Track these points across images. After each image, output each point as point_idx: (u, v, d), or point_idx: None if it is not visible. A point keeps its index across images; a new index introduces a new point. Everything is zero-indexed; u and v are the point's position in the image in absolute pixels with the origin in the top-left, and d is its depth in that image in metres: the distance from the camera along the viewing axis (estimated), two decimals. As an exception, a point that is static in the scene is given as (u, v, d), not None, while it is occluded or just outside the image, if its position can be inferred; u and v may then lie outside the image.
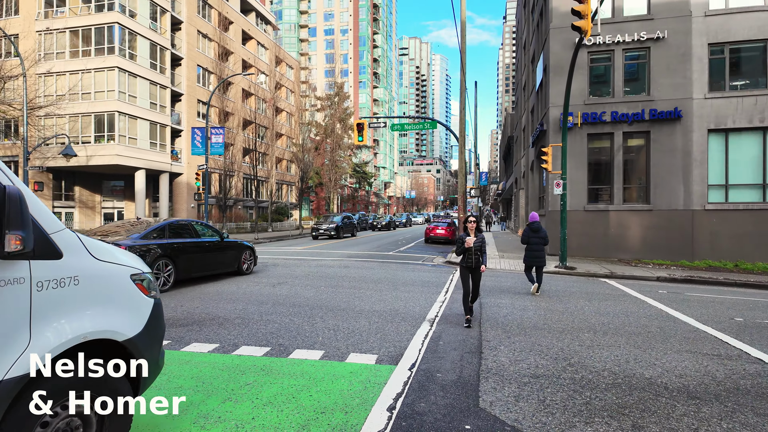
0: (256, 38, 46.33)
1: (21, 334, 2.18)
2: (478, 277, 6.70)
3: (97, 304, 2.61)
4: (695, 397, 4.07)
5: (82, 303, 2.51)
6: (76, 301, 2.47)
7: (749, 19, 16.68)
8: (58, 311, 2.36)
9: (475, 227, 6.62)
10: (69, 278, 2.45)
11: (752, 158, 16.92)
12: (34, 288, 2.26)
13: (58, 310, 2.37)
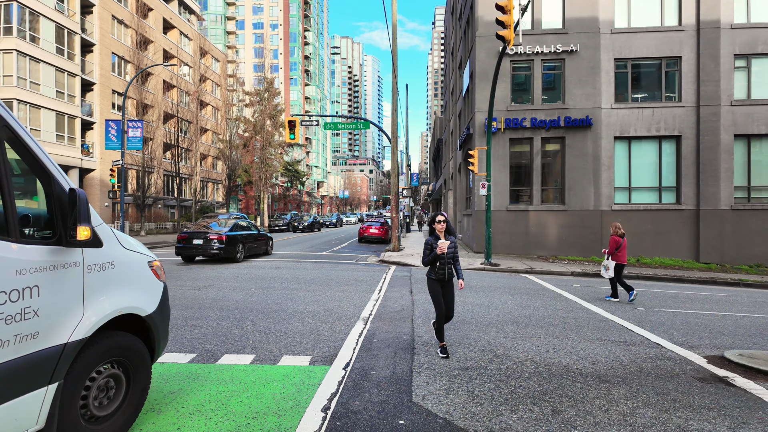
0: (178, 27, 43.76)
1: (78, 307, 2.74)
2: (453, 291, 5.25)
3: (126, 285, 3.19)
4: (606, 380, 4.48)
5: (117, 284, 3.09)
6: (112, 283, 3.05)
7: (648, 38, 18.60)
8: (101, 290, 2.94)
9: (445, 228, 5.10)
10: (108, 263, 3.03)
11: (651, 163, 18.90)
12: (85, 270, 2.82)
13: (101, 289, 2.94)
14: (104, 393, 3.02)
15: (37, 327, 2.48)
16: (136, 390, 3.24)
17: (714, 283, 13.36)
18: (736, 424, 3.54)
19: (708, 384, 4.44)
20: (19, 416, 2.39)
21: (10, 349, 2.33)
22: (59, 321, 2.62)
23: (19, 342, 2.37)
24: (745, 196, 18.47)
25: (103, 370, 2.99)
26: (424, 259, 5.14)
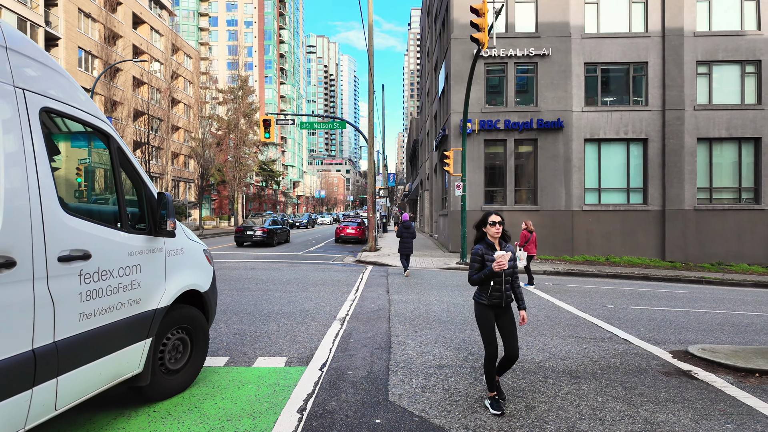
0: (149, 23, 42.61)
1: (162, 282, 3.61)
2: (513, 321, 3.72)
3: (190, 267, 4.07)
4: (577, 376, 4.60)
5: (184, 266, 3.97)
6: (182, 265, 3.92)
7: (616, 43, 19.18)
8: (175, 270, 3.81)
9: (500, 234, 3.70)
10: (179, 249, 3.92)
11: (619, 165, 19.49)
12: (166, 254, 3.70)
13: (175, 270, 3.81)
14: (175, 352, 3.88)
15: (140, 295, 3.35)
16: (198, 351, 4.11)
17: (678, 281, 13.89)
18: (699, 416, 3.69)
19: (673, 378, 4.62)
20: (129, 360, 3.25)
21: (125, 310, 3.19)
22: (152, 291, 3.50)
23: (129, 305, 3.24)
24: (707, 197, 19.27)
25: (174, 334, 3.85)
26: (471, 276, 3.68)
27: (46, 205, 2.58)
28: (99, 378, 2.97)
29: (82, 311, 2.80)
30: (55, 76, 2.90)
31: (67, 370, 2.66)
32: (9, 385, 2.27)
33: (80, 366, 2.77)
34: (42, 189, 2.56)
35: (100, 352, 2.94)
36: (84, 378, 2.82)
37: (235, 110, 41.17)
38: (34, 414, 2.44)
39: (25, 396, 2.36)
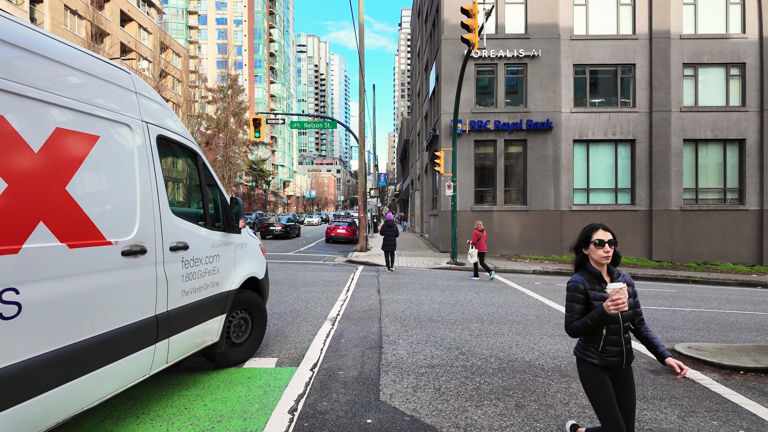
0: (137, 21, 42.11)
1: (232, 270, 4.43)
2: (632, 386, 2.64)
3: (251, 258, 4.91)
4: (566, 375, 4.64)
5: (247, 257, 4.82)
6: (245, 256, 4.76)
7: (604, 45, 19.40)
8: (241, 260, 4.64)
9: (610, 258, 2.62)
10: (243, 243, 4.75)
11: (607, 166, 19.71)
12: (235, 247, 4.52)
13: (241, 260, 4.64)
14: (238, 329, 4.69)
15: (218, 279, 4.19)
16: (257, 329, 4.94)
17: (665, 280, 14.09)
18: (685, 413, 3.75)
19: (660, 375, 4.68)
20: (211, 330, 4.10)
21: (209, 290, 4.01)
22: (226, 277, 4.33)
23: (212, 287, 4.07)
24: (693, 198, 19.57)
25: (238, 314, 4.67)
26: (571, 322, 2.57)
27: (162, 209, 3.48)
28: (193, 342, 3.86)
29: (183, 289, 3.66)
30: (164, 110, 3.87)
31: (175, 333, 3.52)
32: (142, 339, 3.14)
33: (183, 331, 3.64)
34: (160, 197, 3.45)
35: (194, 321, 3.80)
36: (185, 341, 3.70)
37: (225, 109, 40.88)
38: (155, 364, 3.34)
39: (150, 349, 3.24)
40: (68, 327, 2.58)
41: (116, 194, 3.06)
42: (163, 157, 3.65)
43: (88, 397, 2.74)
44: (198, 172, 4.20)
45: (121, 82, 3.31)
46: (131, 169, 3.21)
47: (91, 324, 2.74)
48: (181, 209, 3.99)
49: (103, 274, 2.86)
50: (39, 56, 2.61)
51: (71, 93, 2.78)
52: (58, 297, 2.53)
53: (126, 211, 3.12)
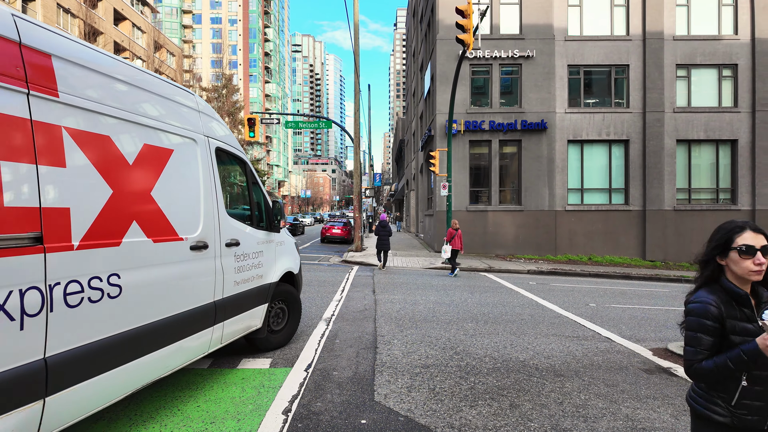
0: (131, 19, 41.86)
1: (273, 264, 5.03)
2: None
3: (288, 255, 5.50)
4: (560, 374, 4.65)
5: (285, 254, 5.40)
6: (284, 253, 5.35)
7: (598, 46, 19.48)
8: (280, 256, 5.25)
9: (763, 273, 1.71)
10: (282, 241, 5.35)
11: (601, 166, 19.80)
12: (275, 245, 5.14)
13: (280, 256, 5.25)
14: (276, 317, 5.29)
15: (262, 272, 4.80)
16: (292, 318, 5.51)
17: (659, 279, 14.17)
18: (678, 412, 3.77)
19: (653, 375, 4.71)
20: (255, 317, 4.68)
21: (254, 282, 4.60)
22: (268, 270, 4.95)
23: (257, 279, 4.66)
24: (686, 198, 19.70)
25: (276, 304, 5.27)
26: (695, 358, 1.76)
27: (220, 211, 4.06)
28: (242, 326, 4.45)
29: (235, 280, 4.24)
30: (220, 125, 4.47)
31: (228, 317, 4.10)
32: (204, 321, 3.73)
33: (234, 316, 4.22)
34: (218, 200, 4.04)
35: (243, 308, 4.38)
36: (236, 325, 4.29)
37: (219, 109, 40.67)
38: (212, 343, 3.94)
39: (209, 330, 3.82)
40: (153, 307, 3.16)
41: (186, 198, 3.67)
42: (219, 165, 4.25)
43: (162, 368, 3.31)
44: (246, 179, 4.90)
45: (188, 103, 3.96)
46: (196, 176, 3.83)
47: (169, 306, 3.32)
48: (233, 210, 4.58)
49: (176, 265, 3.46)
50: (136, 87, 3.26)
51: (154, 114, 3.40)
52: (147, 282, 3.12)
53: (193, 212, 3.73)
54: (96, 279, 2.73)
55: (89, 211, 2.72)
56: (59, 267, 2.49)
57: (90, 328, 2.67)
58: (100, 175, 2.82)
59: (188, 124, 3.82)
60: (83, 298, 2.62)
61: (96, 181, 2.79)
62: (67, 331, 2.51)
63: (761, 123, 19.17)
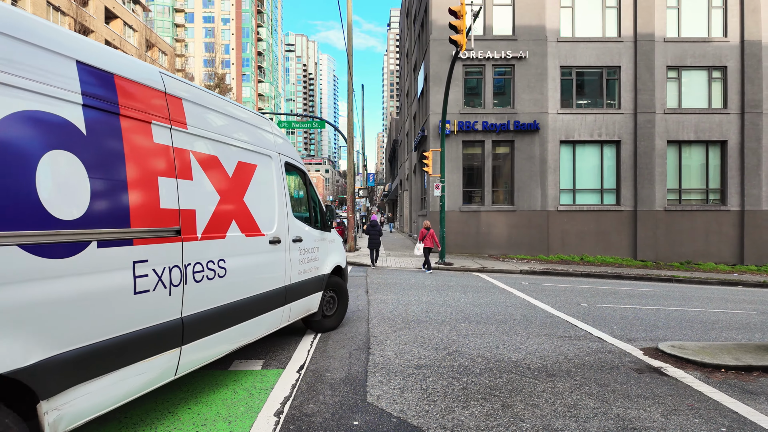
0: (122, 18, 41.51)
1: (326, 259, 5.89)
2: None
3: (337, 251, 6.38)
4: (552, 374, 4.67)
5: (335, 250, 6.28)
6: (333, 249, 6.23)
7: (590, 47, 19.62)
8: (330, 252, 6.09)
9: None
10: (333, 239, 6.24)
11: (593, 167, 19.94)
12: (328, 242, 6.01)
13: (332, 252, 6.13)
14: (328, 304, 6.17)
15: (318, 265, 5.69)
16: (341, 306, 6.41)
17: (650, 279, 14.29)
18: (668, 411, 3.80)
19: (644, 374, 4.74)
20: (313, 302, 5.57)
21: (313, 273, 5.50)
22: (323, 263, 5.84)
23: (315, 270, 5.57)
24: (677, 198, 19.90)
25: (328, 293, 6.13)
26: None
27: (288, 213, 5.06)
28: (303, 308, 5.37)
29: (299, 270, 5.18)
30: (286, 143, 5.49)
31: (294, 300, 5.04)
32: (278, 302, 4.66)
33: (298, 300, 5.16)
34: (287, 204, 5.04)
35: (304, 294, 5.30)
36: (299, 307, 5.23)
37: (212, 108, 40.46)
38: (282, 320, 4.88)
39: (281, 309, 4.77)
40: (246, 287, 4.11)
41: (265, 202, 4.60)
42: (287, 176, 5.22)
43: (251, 334, 4.26)
44: (306, 187, 5.84)
45: (266, 127, 4.97)
46: (272, 185, 4.79)
47: (256, 287, 4.25)
48: (296, 213, 5.43)
49: (260, 255, 4.39)
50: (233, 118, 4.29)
51: (245, 138, 4.40)
52: (242, 267, 4.04)
53: (270, 213, 4.67)
54: (211, 262, 3.63)
55: (206, 212, 3.65)
56: (190, 252, 3.40)
57: (207, 298, 3.58)
58: (212, 185, 3.77)
59: (266, 144, 4.83)
60: (204, 276, 3.54)
61: (210, 189, 3.73)
62: (194, 299, 3.42)
63: (750, 124, 19.41)
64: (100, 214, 2.72)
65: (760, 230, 19.45)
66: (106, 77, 2.88)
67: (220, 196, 3.82)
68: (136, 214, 2.96)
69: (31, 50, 2.42)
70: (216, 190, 3.79)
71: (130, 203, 2.92)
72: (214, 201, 3.76)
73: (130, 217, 2.92)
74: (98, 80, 2.82)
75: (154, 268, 3.07)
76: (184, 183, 3.40)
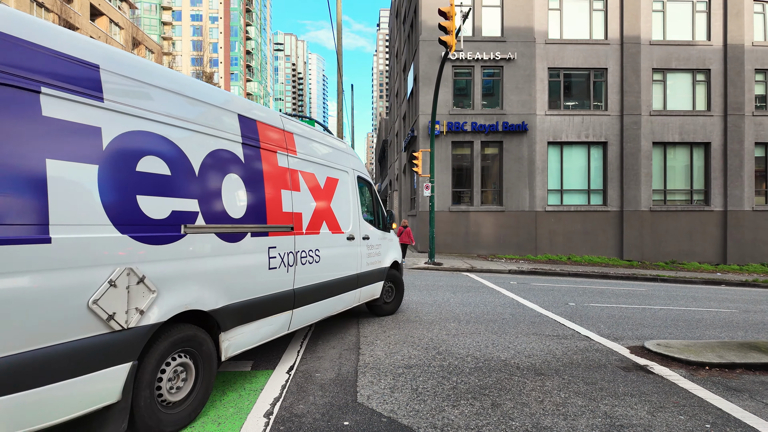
0: (108, 15, 40.91)
1: (386, 255, 7.14)
2: None
3: (395, 249, 7.53)
4: (540, 373, 4.71)
5: (393, 248, 7.44)
6: (392, 247, 7.41)
7: (577, 50, 19.84)
8: (390, 249, 7.31)
9: None
10: (391, 239, 7.47)
11: (580, 168, 20.17)
12: (388, 241, 7.27)
13: (390, 249, 7.32)
14: (388, 293, 7.30)
15: (380, 259, 6.82)
16: (398, 295, 7.48)
17: (636, 278, 14.49)
18: (654, 408, 3.86)
19: (630, 372, 4.81)
20: (377, 289, 6.80)
21: (376, 265, 6.63)
22: (383, 258, 6.92)
23: (377, 263, 6.71)
24: (662, 199, 20.21)
25: (387, 283, 7.19)
26: None
27: (360, 216, 6.28)
28: (369, 293, 6.57)
29: (367, 261, 6.35)
30: (357, 160, 6.73)
31: (363, 285, 6.24)
32: (352, 285, 5.84)
33: (366, 286, 6.36)
34: (359, 209, 6.27)
35: (370, 281, 6.51)
36: (366, 291, 6.43)
37: (200, 107, 40.03)
38: (354, 300, 6.07)
39: (354, 291, 5.97)
40: (332, 271, 5.39)
41: (344, 207, 5.88)
42: (359, 187, 6.48)
43: (334, 308, 5.53)
44: (372, 195, 7.06)
45: (344, 148, 6.33)
46: (348, 194, 6.08)
47: (338, 271, 5.54)
48: (367, 216, 6.71)
49: (341, 248, 5.67)
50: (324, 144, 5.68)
51: (331, 159, 5.76)
52: (330, 256, 5.34)
53: (347, 216, 5.95)
54: (311, 251, 4.92)
55: (308, 214, 4.95)
56: (299, 242, 4.71)
57: (309, 277, 4.86)
58: (311, 195, 5.07)
59: (345, 163, 6.16)
60: (306, 261, 4.83)
61: (310, 198, 5.04)
62: (301, 277, 4.71)
63: (733, 126, 19.79)
64: (251, 214, 4.03)
65: (742, 230, 19.85)
66: (252, 123, 4.23)
67: (316, 203, 5.14)
68: (269, 214, 4.28)
69: (218, 112, 3.82)
70: (313, 199, 5.11)
71: (266, 207, 4.23)
72: (312, 207, 5.07)
73: (267, 217, 4.23)
74: (249, 126, 4.17)
75: (280, 252, 4.37)
76: (295, 193, 4.74)
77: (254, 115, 4.26)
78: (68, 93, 2.64)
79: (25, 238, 2.33)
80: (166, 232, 3.19)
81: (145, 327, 2.95)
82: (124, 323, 2.81)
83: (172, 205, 3.24)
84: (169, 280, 3.16)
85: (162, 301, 3.08)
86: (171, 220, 3.22)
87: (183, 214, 3.31)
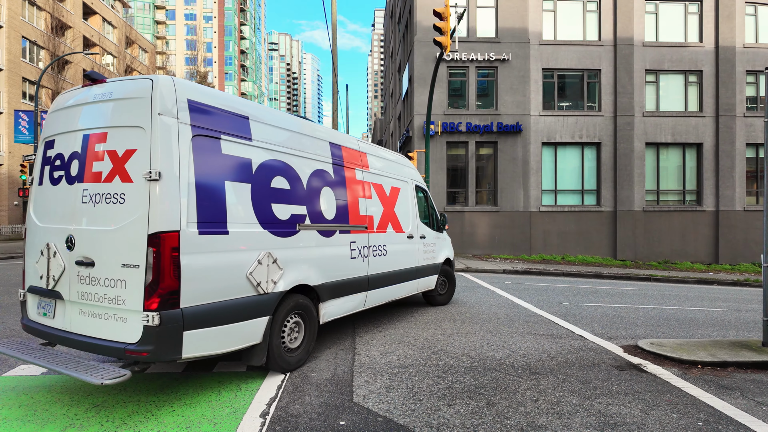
0: (101, 14, 40.64)
1: (440, 252, 8.22)
2: None
3: (448, 247, 8.64)
4: (535, 372, 4.74)
5: (446, 246, 8.55)
6: (445, 246, 8.50)
7: (571, 51, 19.95)
8: (443, 248, 8.39)
9: None
10: (444, 238, 8.59)
11: (574, 168, 20.28)
12: (441, 240, 8.38)
13: (443, 247, 8.41)
14: (441, 286, 8.25)
15: (434, 255, 7.92)
16: (450, 289, 8.43)
17: (629, 278, 14.59)
18: (648, 407, 3.90)
19: (624, 371, 4.85)
20: (431, 282, 7.89)
21: (431, 261, 7.74)
22: (437, 255, 8.02)
23: (432, 259, 7.80)
24: (655, 199, 20.37)
25: (440, 277, 8.15)
26: None
27: (417, 218, 7.46)
28: (425, 284, 7.59)
29: (423, 257, 7.39)
30: (414, 171, 7.85)
31: (420, 277, 7.34)
32: (412, 276, 7.09)
33: (422, 278, 7.41)
34: (416, 212, 7.47)
35: (426, 274, 7.52)
36: (423, 282, 7.44)
37: (194, 107, 39.87)
38: (413, 289, 7.24)
39: (413, 281, 7.16)
40: (397, 263, 6.56)
41: (405, 211, 7.03)
42: (416, 194, 7.59)
43: (398, 294, 6.73)
44: (426, 200, 8.01)
45: (404, 163, 7.56)
46: (408, 200, 7.20)
47: (401, 263, 6.70)
48: (422, 219, 7.63)
49: (402, 244, 6.81)
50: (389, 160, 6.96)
51: (395, 172, 6.97)
52: (394, 251, 6.51)
53: (407, 218, 7.07)
54: (380, 246, 6.14)
55: (377, 217, 6.17)
56: (371, 239, 5.94)
57: (378, 266, 6.07)
58: (380, 202, 6.28)
59: (405, 174, 7.36)
60: (376, 254, 6.05)
61: (379, 204, 6.26)
62: (373, 266, 5.94)
63: (724, 127, 19.99)
64: (339, 216, 5.34)
65: (733, 230, 20.05)
66: (338, 148, 5.57)
67: (383, 208, 6.37)
68: (351, 216, 5.57)
69: (317, 142, 5.20)
70: (381, 204, 6.33)
71: (349, 211, 5.54)
72: (381, 211, 6.28)
73: (349, 218, 5.52)
74: (336, 150, 5.52)
75: (358, 246, 5.64)
76: (368, 200, 6.01)
77: (339, 141, 5.66)
78: (234, 137, 4.03)
79: (218, 231, 3.76)
80: (288, 228, 4.56)
81: (276, 293, 4.29)
82: (265, 289, 4.15)
83: (291, 210, 4.62)
84: (290, 262, 4.49)
85: (286, 276, 4.42)
86: (291, 220, 4.60)
87: (298, 216, 4.69)
